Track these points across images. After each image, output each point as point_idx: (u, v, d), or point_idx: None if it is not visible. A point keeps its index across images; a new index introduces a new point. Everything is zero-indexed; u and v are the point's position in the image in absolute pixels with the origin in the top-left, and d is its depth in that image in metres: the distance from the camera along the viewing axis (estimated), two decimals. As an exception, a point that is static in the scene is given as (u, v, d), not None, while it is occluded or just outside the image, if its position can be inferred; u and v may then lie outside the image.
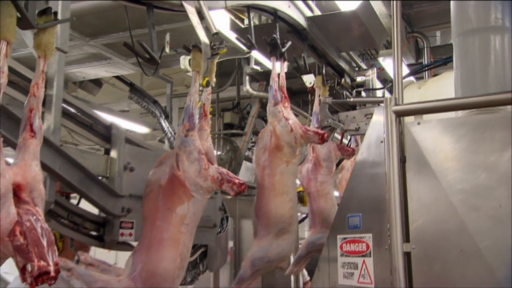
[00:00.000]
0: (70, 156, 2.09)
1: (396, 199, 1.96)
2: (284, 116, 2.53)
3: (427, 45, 4.42)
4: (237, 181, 1.91)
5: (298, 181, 3.10)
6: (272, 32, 2.85)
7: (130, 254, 2.11)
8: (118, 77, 5.15)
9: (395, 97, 2.03)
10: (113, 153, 2.43)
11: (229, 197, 3.64)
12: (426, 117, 2.12)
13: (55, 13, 1.61)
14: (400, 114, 2.02)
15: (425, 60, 4.32)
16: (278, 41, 2.79)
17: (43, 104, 2.11)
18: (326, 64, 3.70)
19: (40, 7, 2.08)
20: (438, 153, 1.99)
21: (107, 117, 2.59)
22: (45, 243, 1.22)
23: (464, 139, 1.98)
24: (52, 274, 1.19)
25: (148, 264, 1.95)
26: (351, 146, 3.88)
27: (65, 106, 2.21)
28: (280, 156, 2.48)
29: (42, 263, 1.17)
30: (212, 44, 2.22)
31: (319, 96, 3.27)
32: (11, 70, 1.98)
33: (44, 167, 2.00)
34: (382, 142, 2.10)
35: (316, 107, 3.19)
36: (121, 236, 2.38)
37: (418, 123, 2.04)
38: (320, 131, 2.49)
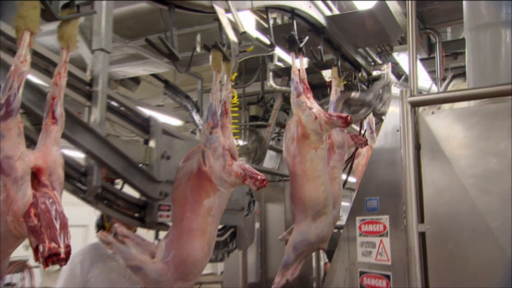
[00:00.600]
0: (115, 146, 2.13)
1: (412, 183, 1.93)
2: (308, 106, 2.49)
3: (439, 40, 4.34)
4: (259, 177, 1.88)
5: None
6: (291, 31, 2.82)
7: (162, 238, 2.13)
8: (154, 75, 5.19)
9: (410, 89, 2.00)
10: (152, 143, 2.47)
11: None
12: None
13: (78, 6, 1.58)
14: (415, 105, 1.99)
15: (437, 54, 4.25)
16: (296, 37, 2.74)
17: (90, 99, 2.16)
18: (344, 59, 3.66)
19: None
20: (451, 141, 1.96)
21: (145, 111, 2.61)
22: (58, 226, 1.19)
23: (476, 127, 1.94)
24: (62, 256, 1.16)
25: (180, 251, 1.96)
26: (366, 132, 3.84)
27: (109, 101, 2.24)
28: (308, 144, 2.44)
29: (53, 244, 1.14)
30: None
31: (336, 86, 3.21)
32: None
33: (92, 155, 2.05)
34: (398, 131, 2.07)
35: (332, 96, 3.13)
36: (159, 217, 2.41)
37: (432, 113, 2.00)
38: (343, 114, 2.44)
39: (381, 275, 2.12)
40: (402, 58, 4.46)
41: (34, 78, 1.89)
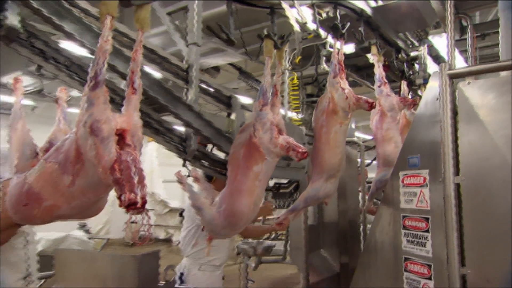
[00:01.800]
0: (206, 118, 2.18)
1: (449, 143, 1.83)
2: (341, 86, 2.34)
3: (471, 23, 3.97)
4: (300, 149, 1.76)
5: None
6: (345, 21, 2.71)
7: (219, 194, 2.12)
8: (230, 64, 5.23)
9: (448, 64, 1.87)
10: (233, 116, 2.50)
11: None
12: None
13: None
14: (453, 77, 1.87)
15: (469, 35, 3.91)
16: (339, 25, 2.58)
17: (187, 83, 2.22)
18: (386, 43, 3.48)
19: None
20: (485, 106, 1.83)
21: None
22: (136, 180, 1.13)
23: (508, 94, 1.78)
24: (139, 205, 1.11)
25: (230, 206, 1.93)
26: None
27: (201, 84, 2.29)
28: (335, 118, 2.31)
29: (132, 195, 1.09)
30: (281, 35, 2.08)
31: (377, 61, 3.03)
32: (162, 57, 2.08)
33: (189, 126, 2.12)
34: (437, 99, 1.96)
35: (376, 70, 2.96)
36: (240, 173, 2.45)
37: (468, 83, 1.87)
38: (370, 100, 2.27)
39: (421, 218, 2.06)
40: (436, 40, 4.15)
41: (153, 72, 1.96)
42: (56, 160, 1.32)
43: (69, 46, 1.83)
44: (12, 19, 1.41)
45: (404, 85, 3.48)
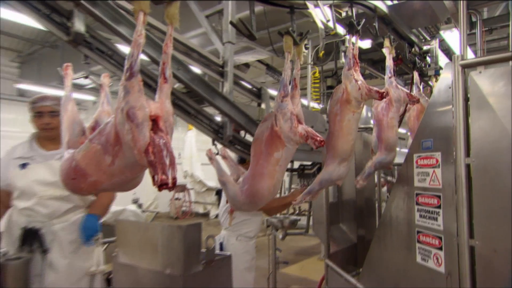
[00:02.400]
0: (239, 107, 2.19)
1: (461, 127, 1.76)
2: (355, 78, 2.23)
3: (480, 18, 3.75)
4: (318, 138, 1.69)
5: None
6: (361, 19, 2.61)
7: (243, 176, 2.09)
8: (258, 60, 5.21)
9: (461, 55, 1.79)
10: (263, 105, 2.50)
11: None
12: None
13: None
14: (465, 66, 1.78)
15: (478, 30, 3.69)
16: (355, 22, 2.48)
17: (222, 76, 2.23)
18: (400, 38, 3.34)
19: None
20: (495, 93, 1.74)
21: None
22: (167, 162, 1.09)
23: (518, 81, 1.69)
24: (170, 185, 1.07)
25: (252, 187, 1.91)
26: (415, 90, 3.45)
27: (234, 78, 2.30)
28: (349, 107, 2.21)
29: (164, 176, 1.05)
30: (300, 32, 1.98)
31: (389, 53, 2.89)
32: (201, 55, 2.10)
33: (225, 114, 2.14)
34: (450, 88, 1.88)
35: (387, 61, 2.84)
36: (270, 157, 2.44)
37: (479, 72, 1.78)
38: (380, 90, 2.16)
39: (433, 195, 2.01)
40: (447, 35, 3.96)
41: (194, 68, 1.98)
42: (99, 141, 1.32)
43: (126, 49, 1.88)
44: (79, 25, 1.46)
45: (416, 75, 3.35)
